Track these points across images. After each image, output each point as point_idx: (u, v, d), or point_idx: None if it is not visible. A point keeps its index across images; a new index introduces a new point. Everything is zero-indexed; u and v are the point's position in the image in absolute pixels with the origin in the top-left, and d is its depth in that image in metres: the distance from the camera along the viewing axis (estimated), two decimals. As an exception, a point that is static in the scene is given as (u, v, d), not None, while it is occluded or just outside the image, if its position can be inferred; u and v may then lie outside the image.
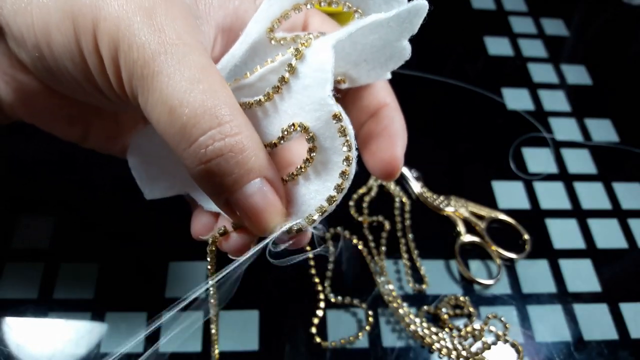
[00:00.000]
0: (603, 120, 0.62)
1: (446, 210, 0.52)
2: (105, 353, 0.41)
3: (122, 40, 0.24)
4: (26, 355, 0.41)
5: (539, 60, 0.67)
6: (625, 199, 0.55)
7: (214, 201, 0.27)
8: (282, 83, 0.27)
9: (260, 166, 0.25)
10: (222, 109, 0.24)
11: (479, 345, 0.44)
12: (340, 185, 0.27)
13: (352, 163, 0.26)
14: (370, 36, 0.29)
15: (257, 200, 0.26)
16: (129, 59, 0.24)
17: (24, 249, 0.46)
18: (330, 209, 0.27)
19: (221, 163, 0.24)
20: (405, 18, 0.28)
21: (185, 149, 0.24)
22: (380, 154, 0.32)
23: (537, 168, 0.57)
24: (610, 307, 0.48)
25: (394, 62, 0.31)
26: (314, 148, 0.27)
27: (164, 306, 0.45)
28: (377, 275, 0.47)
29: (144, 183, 0.35)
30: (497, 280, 0.48)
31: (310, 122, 0.26)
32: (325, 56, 0.25)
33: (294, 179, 0.28)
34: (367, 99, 0.33)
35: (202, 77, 0.24)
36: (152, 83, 0.24)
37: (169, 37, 0.24)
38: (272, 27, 0.30)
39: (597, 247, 0.51)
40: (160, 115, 0.24)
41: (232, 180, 0.25)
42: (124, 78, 0.25)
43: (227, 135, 0.24)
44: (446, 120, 0.60)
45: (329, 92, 0.25)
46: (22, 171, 0.50)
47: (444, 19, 0.70)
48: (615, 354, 0.45)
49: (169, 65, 0.24)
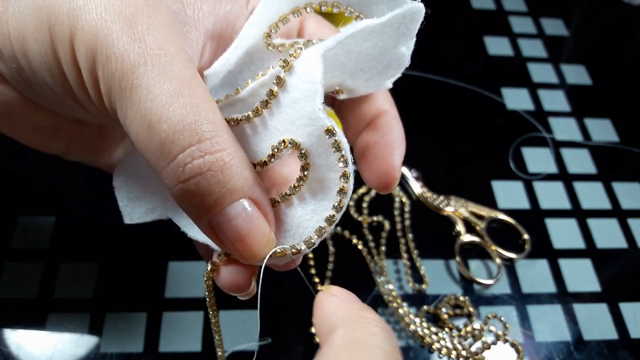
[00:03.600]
0: (603, 120, 0.62)
1: (446, 210, 0.52)
2: (105, 353, 0.41)
3: (100, 50, 0.23)
4: (26, 355, 0.41)
5: (538, 60, 0.67)
6: (624, 199, 0.55)
7: (197, 226, 0.25)
8: (271, 97, 0.25)
9: (244, 186, 0.24)
10: (202, 125, 0.23)
11: (479, 345, 0.44)
12: (339, 204, 0.25)
13: (349, 179, 0.25)
14: (365, 44, 0.27)
15: (240, 223, 0.24)
16: (107, 71, 0.23)
17: (24, 249, 0.46)
18: (329, 229, 0.26)
19: (200, 182, 0.23)
20: (400, 23, 0.26)
21: (164, 167, 0.23)
22: (377, 163, 0.30)
23: (537, 168, 0.57)
24: (610, 307, 0.48)
25: (393, 70, 0.29)
26: (307, 165, 0.25)
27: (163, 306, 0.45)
28: (377, 275, 0.47)
29: (125, 205, 0.33)
30: (496, 280, 0.48)
31: (301, 138, 0.25)
32: (314, 67, 0.24)
33: (287, 199, 0.26)
34: (364, 105, 0.31)
35: (184, 90, 0.23)
36: (130, 96, 0.23)
37: (150, 47, 0.23)
38: (269, 32, 0.29)
39: (597, 247, 0.51)
40: (138, 130, 0.23)
41: (212, 201, 0.23)
42: (103, 91, 0.24)
43: (207, 153, 0.23)
44: (446, 120, 0.60)
45: (320, 104, 0.24)
46: (22, 171, 0.50)
47: (444, 19, 0.70)
48: (615, 354, 0.45)
49: (149, 78, 0.22)
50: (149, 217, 0.33)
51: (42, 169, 0.50)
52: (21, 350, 0.41)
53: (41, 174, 0.50)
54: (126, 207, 0.33)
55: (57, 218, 0.48)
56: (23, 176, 0.50)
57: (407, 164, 0.54)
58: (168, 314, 0.43)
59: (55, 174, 0.50)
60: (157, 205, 0.33)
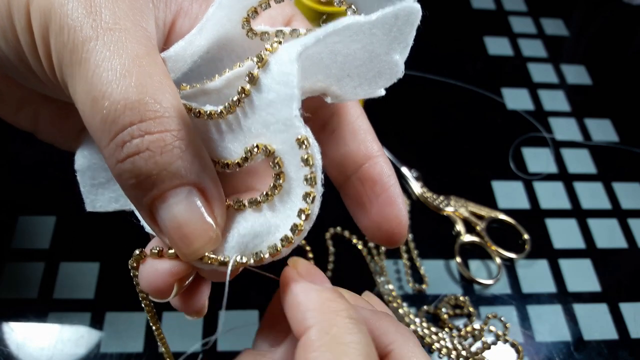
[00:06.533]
0: (603, 120, 0.62)
1: (446, 210, 0.52)
2: (105, 353, 0.41)
3: (53, 19, 0.22)
4: (26, 355, 0.41)
5: (538, 60, 0.67)
6: (625, 199, 0.55)
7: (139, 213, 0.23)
8: (243, 96, 0.23)
9: (188, 172, 0.22)
10: (147, 104, 0.21)
11: (479, 345, 0.44)
12: (298, 227, 0.22)
13: (315, 201, 0.22)
14: (352, 45, 0.24)
15: (180, 211, 0.22)
16: (59, 42, 0.22)
17: (24, 249, 0.46)
18: (284, 251, 0.23)
19: (136, 161, 0.21)
20: (392, 25, 0.23)
21: (105, 147, 0.22)
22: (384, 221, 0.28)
23: (537, 168, 0.57)
24: (610, 307, 0.48)
25: (385, 80, 0.26)
26: (281, 175, 0.23)
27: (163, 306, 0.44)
28: (377, 275, 0.47)
29: (87, 191, 0.31)
30: (497, 280, 0.48)
31: (275, 145, 0.23)
32: (289, 68, 0.21)
33: (258, 205, 0.24)
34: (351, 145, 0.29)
35: (132, 68, 0.22)
36: (79, 71, 0.22)
37: (105, 21, 0.22)
38: (247, 18, 0.25)
39: (597, 247, 0.51)
40: (84, 106, 0.22)
41: (150, 184, 0.22)
42: (55, 62, 0.23)
43: (147, 132, 0.21)
44: (446, 120, 0.60)
45: (296, 111, 0.21)
46: (22, 171, 0.50)
47: (444, 19, 0.70)
48: (615, 354, 0.45)
49: (99, 52, 0.21)
50: (111, 207, 0.31)
51: (42, 169, 0.50)
52: (21, 350, 0.41)
53: (41, 174, 0.50)
54: (89, 194, 0.31)
55: (57, 218, 0.48)
56: (23, 176, 0.50)
57: (407, 164, 0.54)
58: (168, 314, 0.43)
59: (55, 173, 0.50)
60: (120, 194, 0.30)
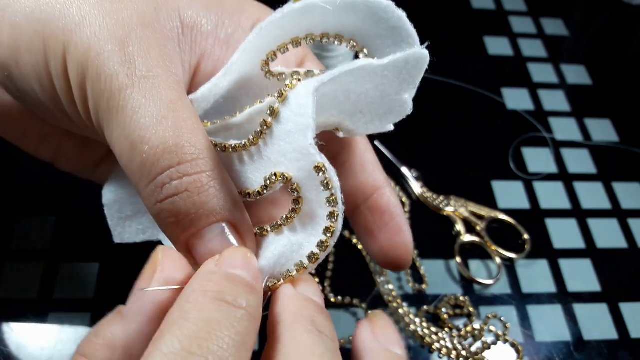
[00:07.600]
0: (603, 120, 0.62)
1: (446, 210, 0.52)
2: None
3: (90, 68, 0.24)
4: (26, 355, 0.41)
5: (538, 60, 0.67)
6: (625, 199, 0.55)
7: (175, 248, 0.25)
8: (265, 127, 0.25)
9: (222, 209, 0.24)
10: (184, 148, 0.23)
11: (479, 345, 0.44)
12: (324, 242, 0.24)
13: (338, 219, 0.24)
14: (365, 85, 0.26)
15: (215, 246, 0.23)
16: (96, 89, 0.24)
17: (24, 249, 0.46)
18: (310, 267, 0.25)
19: (176, 202, 0.23)
20: (402, 68, 0.25)
21: (144, 187, 0.23)
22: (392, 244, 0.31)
23: (537, 168, 0.57)
24: (610, 307, 0.48)
25: (394, 116, 0.28)
26: (300, 199, 0.25)
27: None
28: (377, 275, 0.47)
29: (115, 224, 0.32)
30: (497, 280, 0.48)
31: (292, 172, 0.24)
32: (305, 101, 0.23)
33: (279, 229, 0.26)
34: (360, 177, 0.31)
35: (168, 113, 0.23)
36: (116, 116, 0.23)
37: (139, 69, 0.24)
38: (266, 60, 0.28)
39: (597, 247, 0.51)
40: (122, 150, 0.23)
41: (188, 222, 0.23)
42: (91, 107, 0.24)
43: (185, 174, 0.23)
44: (446, 120, 0.60)
45: (311, 139, 0.23)
46: (22, 172, 0.50)
47: (444, 19, 0.70)
48: (615, 354, 0.45)
49: (135, 100, 0.23)
50: (139, 238, 0.33)
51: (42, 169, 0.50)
52: (21, 350, 0.41)
53: (41, 174, 0.50)
54: (116, 227, 0.33)
55: (57, 218, 0.48)
56: (23, 176, 0.50)
57: (407, 164, 0.54)
58: (168, 314, 0.43)
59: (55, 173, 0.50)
60: (147, 226, 0.33)
